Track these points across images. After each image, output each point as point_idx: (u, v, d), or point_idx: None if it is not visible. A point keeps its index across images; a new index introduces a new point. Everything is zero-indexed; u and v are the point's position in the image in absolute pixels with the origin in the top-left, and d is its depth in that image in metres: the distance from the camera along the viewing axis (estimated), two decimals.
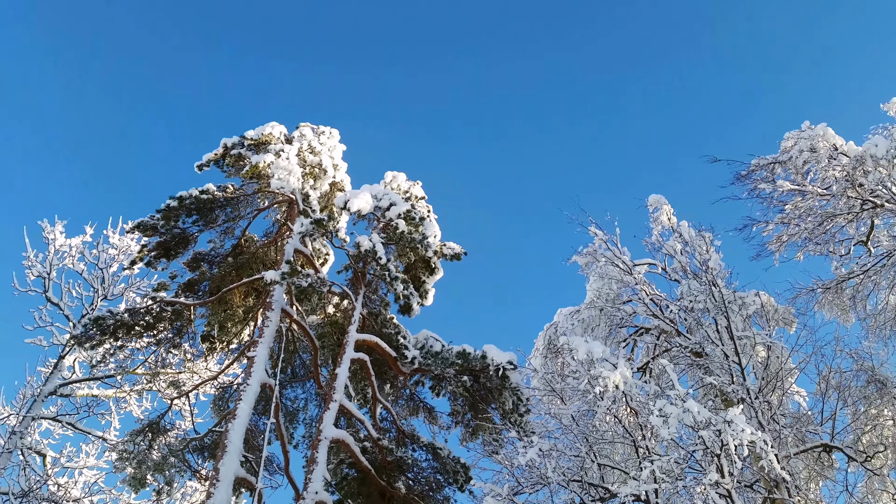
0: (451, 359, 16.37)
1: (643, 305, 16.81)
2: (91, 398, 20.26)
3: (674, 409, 12.34)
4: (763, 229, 16.18)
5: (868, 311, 16.07)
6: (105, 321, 15.67)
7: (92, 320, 15.79)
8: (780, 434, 14.58)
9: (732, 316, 15.31)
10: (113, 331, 15.69)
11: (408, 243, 16.49)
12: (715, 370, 15.20)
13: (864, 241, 16.02)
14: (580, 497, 13.48)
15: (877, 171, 15.11)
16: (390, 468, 15.76)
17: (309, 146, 17.57)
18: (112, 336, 15.78)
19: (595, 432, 15.08)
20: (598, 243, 17.15)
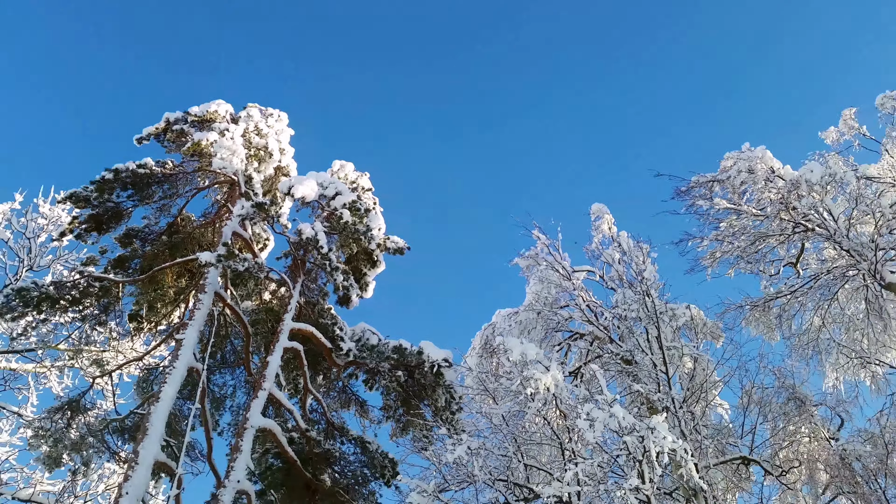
0: (387, 353, 16.28)
1: (579, 311, 17.07)
2: (8, 371, 19.39)
3: (600, 414, 12.57)
4: (698, 245, 16.64)
5: (793, 331, 16.72)
6: (29, 293, 14.99)
7: (15, 291, 15.08)
8: (702, 444, 15.01)
9: (663, 326, 15.68)
10: (37, 303, 15.02)
11: (351, 234, 16.30)
12: (643, 378, 15.54)
13: (794, 263, 16.63)
14: (505, 496, 13.61)
15: (810, 196, 15.71)
16: (317, 460, 15.57)
17: (255, 127, 17.19)
18: (35, 309, 15.10)
19: (524, 433, 15.24)
20: (541, 247, 17.36)
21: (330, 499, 15.68)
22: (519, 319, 17.28)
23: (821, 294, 15.96)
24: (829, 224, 15.32)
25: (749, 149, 16.19)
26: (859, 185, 15.98)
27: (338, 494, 15.65)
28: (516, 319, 17.31)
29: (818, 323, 16.20)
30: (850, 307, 16.41)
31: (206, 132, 16.70)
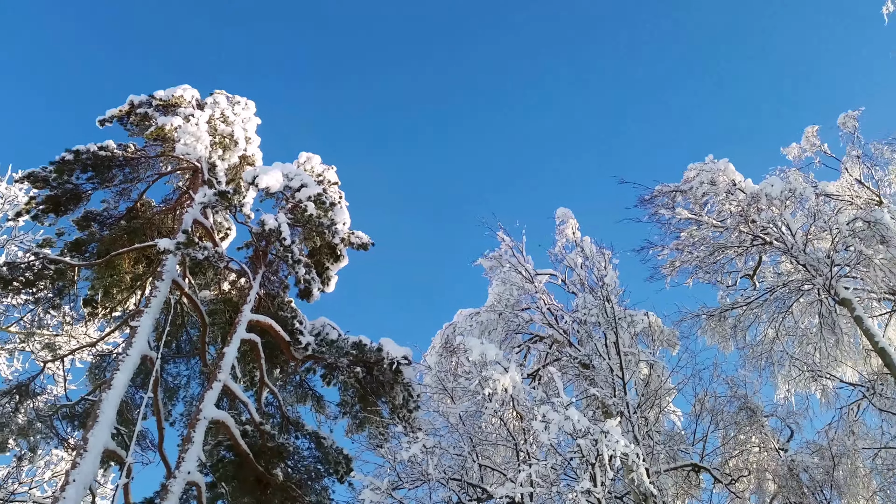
0: (347, 349, 16.19)
1: (540, 314, 17.16)
2: None
3: (556, 416, 12.66)
4: (659, 253, 16.85)
5: (747, 342, 17.01)
6: None
7: None
8: (654, 450, 15.20)
9: (621, 332, 15.83)
10: None
11: (315, 227, 16.18)
12: (600, 382, 15.68)
13: (751, 275, 16.92)
14: (458, 496, 13.61)
15: (770, 210, 16.01)
16: (270, 454, 15.43)
17: (222, 114, 16.95)
18: None
19: (480, 433, 15.28)
20: (505, 249, 17.41)
21: (282, 493, 15.56)
22: (480, 320, 17.30)
23: (776, 307, 16.26)
24: (786, 238, 15.63)
25: (712, 160, 16.43)
26: (818, 201, 16.35)
27: (290, 489, 15.53)
28: (477, 320, 17.33)
29: (772, 335, 16.50)
30: (804, 321, 16.75)
31: (171, 117, 16.43)
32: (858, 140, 18.87)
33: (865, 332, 14.85)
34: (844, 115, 18.92)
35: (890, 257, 15.53)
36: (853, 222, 15.85)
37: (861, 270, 15.64)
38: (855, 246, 15.44)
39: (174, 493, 12.81)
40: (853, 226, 15.74)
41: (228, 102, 17.25)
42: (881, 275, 15.56)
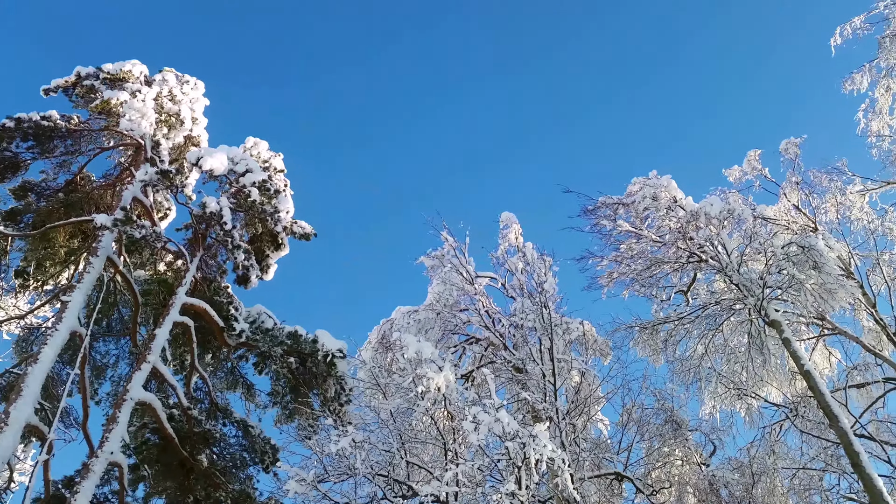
0: (281, 338, 16.05)
1: (478, 316, 17.28)
2: None
3: (486, 417, 12.74)
4: (598, 263, 17.12)
5: (677, 356, 17.36)
6: None
7: None
8: (579, 457, 15.41)
9: (556, 339, 16.02)
10: None
11: (258, 214, 16.02)
12: (531, 387, 15.84)
13: (685, 292, 17.28)
14: (384, 492, 13.60)
15: (708, 229, 16.38)
16: (196, 439, 15.22)
17: (170, 93, 16.67)
18: None
19: (410, 430, 15.31)
20: (448, 249, 17.49)
21: (205, 479, 15.35)
22: (418, 318, 17.34)
23: (707, 324, 16.63)
24: (722, 257, 16.00)
25: (656, 176, 16.76)
26: (755, 223, 16.78)
27: (213, 476, 15.34)
28: (416, 318, 17.36)
29: (701, 351, 16.87)
30: (734, 340, 17.16)
31: (118, 91, 16.10)
32: (799, 167, 19.50)
33: (792, 355, 15.26)
34: (787, 142, 19.51)
35: (821, 283, 15.98)
36: (788, 246, 16.30)
37: (792, 294, 16.06)
38: (788, 270, 15.86)
39: (95, 472, 12.55)
40: (788, 250, 16.18)
41: (177, 81, 16.97)
42: (811, 300, 16.01)
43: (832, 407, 14.05)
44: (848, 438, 13.61)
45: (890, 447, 16.57)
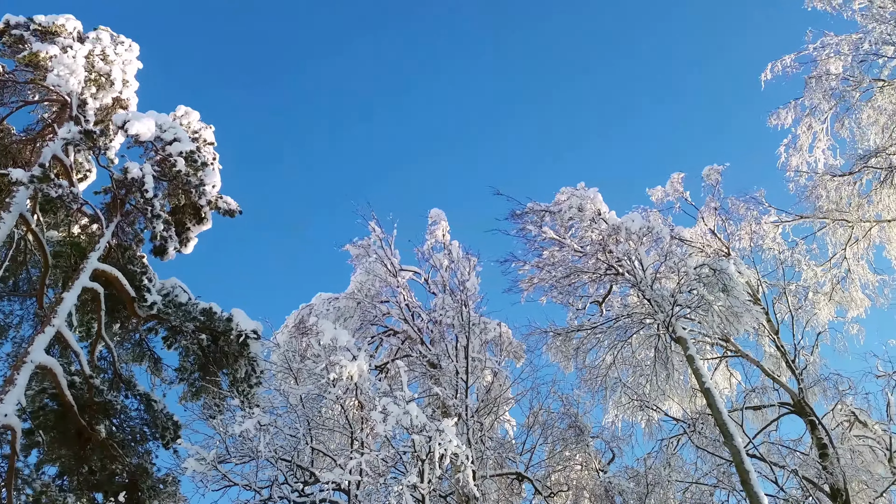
0: (195, 314, 15.71)
1: (398, 309, 17.36)
2: None
3: (396, 409, 12.81)
4: (520, 267, 17.42)
5: (586, 364, 17.84)
6: None
7: None
8: (484, 454, 15.67)
9: (473, 337, 16.27)
10: None
11: (182, 185, 15.65)
12: (444, 383, 16.02)
13: (600, 302, 17.77)
14: (285, 476, 13.51)
15: (627, 244, 16.89)
16: (95, 409, 14.78)
17: (102, 52, 16.11)
18: None
19: (318, 417, 15.27)
20: (374, 239, 17.52)
21: (102, 450, 14.94)
22: (338, 305, 17.31)
23: (617, 335, 17.15)
24: (637, 272, 16.52)
25: (583, 188, 17.18)
26: (672, 243, 17.38)
27: (111, 447, 14.93)
28: (335, 305, 17.33)
29: (610, 361, 17.40)
30: (641, 353, 17.75)
31: (48, 45, 15.45)
32: (719, 193, 20.34)
33: (695, 372, 15.85)
34: (709, 168, 20.32)
35: (729, 306, 16.68)
36: (701, 268, 16.94)
37: (700, 314, 16.71)
38: (699, 290, 16.50)
39: None
40: (700, 271, 16.82)
41: (112, 41, 16.41)
42: (718, 321, 16.68)
43: (728, 426, 14.67)
44: (740, 457, 14.22)
45: (778, 468, 17.38)
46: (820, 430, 17.21)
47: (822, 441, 17.12)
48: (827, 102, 19.87)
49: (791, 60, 20.37)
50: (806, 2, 20.34)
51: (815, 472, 16.98)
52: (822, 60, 19.87)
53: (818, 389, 18.27)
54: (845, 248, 20.04)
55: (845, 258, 20.10)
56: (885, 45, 19.01)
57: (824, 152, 20.27)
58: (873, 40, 19.15)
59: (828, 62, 19.82)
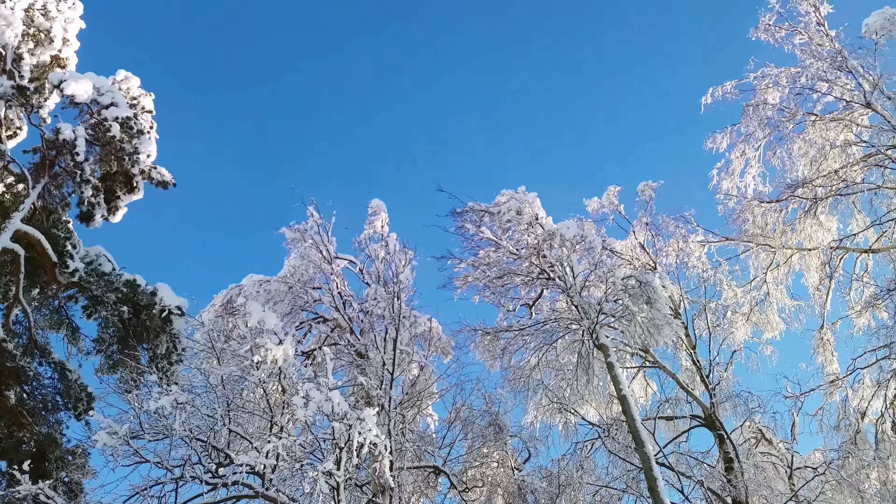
0: (118, 284, 15.36)
1: (330, 297, 17.30)
2: None
3: (318, 395, 12.77)
4: (456, 265, 17.58)
5: (511, 364, 18.15)
6: None
7: None
8: (403, 446, 15.79)
9: (403, 330, 16.34)
10: None
11: (115, 151, 15.27)
12: (370, 373, 16.05)
13: (530, 305, 18.10)
14: (199, 456, 13.31)
15: (560, 250, 17.24)
16: (6, 374, 14.34)
17: (44, 7, 15.49)
18: None
19: (238, 399, 15.11)
20: (311, 225, 17.40)
21: (10, 417, 14.48)
22: (269, 288, 17.12)
23: (543, 338, 17.49)
24: (568, 279, 16.89)
25: (524, 192, 17.46)
26: (603, 253, 17.84)
27: (20, 415, 14.50)
28: (266, 288, 17.13)
29: (534, 363, 17.74)
30: (565, 357, 18.15)
31: None
32: (651, 209, 20.94)
33: (614, 379, 16.29)
34: (644, 184, 20.92)
35: (651, 318, 17.20)
36: (628, 279, 17.43)
37: (623, 323, 17.17)
38: (624, 300, 16.97)
39: None
40: (627, 282, 17.30)
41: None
42: (640, 331, 17.18)
43: (641, 433, 15.14)
44: (650, 464, 14.69)
45: (685, 478, 18.02)
46: (728, 445, 17.92)
47: (729, 455, 17.83)
48: (762, 131, 20.66)
49: (732, 87, 21.11)
50: (751, 31, 21.16)
51: (720, 485, 17.69)
52: (761, 90, 20.66)
53: (729, 405, 19.00)
54: (766, 272, 20.90)
55: (765, 282, 20.96)
56: (820, 81, 19.89)
57: (755, 178, 21.08)
58: (810, 75, 20.03)
59: (766, 92, 20.61)
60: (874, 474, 16.86)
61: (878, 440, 17.21)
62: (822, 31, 19.96)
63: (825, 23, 20.01)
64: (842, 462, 17.30)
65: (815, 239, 20.38)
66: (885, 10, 18.76)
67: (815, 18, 20.14)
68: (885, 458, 16.76)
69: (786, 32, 20.65)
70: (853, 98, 19.21)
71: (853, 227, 20.28)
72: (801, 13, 20.34)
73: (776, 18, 20.59)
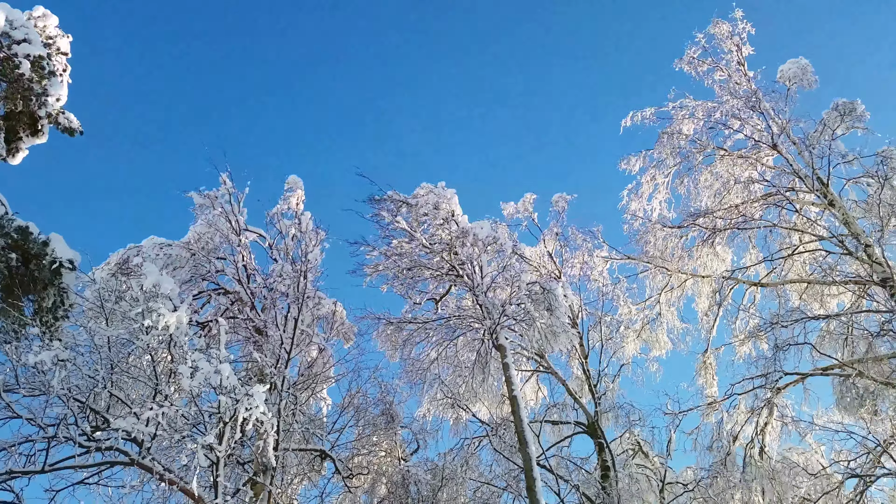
0: (8, 229, 14.44)
1: (234, 269, 16.88)
2: None
3: (207, 366, 12.49)
4: (368, 252, 17.53)
5: (412, 357, 18.27)
6: None
7: None
8: (292, 427, 15.64)
9: (305, 310, 16.17)
10: None
11: (23, 90, 14.33)
12: (266, 351, 15.80)
13: (437, 300, 18.28)
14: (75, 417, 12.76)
15: (473, 249, 17.50)
16: None
17: None
18: None
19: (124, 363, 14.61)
20: (223, 192, 16.93)
21: None
22: (170, 252, 16.56)
23: (445, 333, 17.72)
24: (476, 278, 17.15)
25: (443, 187, 17.60)
26: (512, 257, 18.21)
27: None
28: (168, 252, 16.56)
29: (434, 357, 17.93)
30: (464, 354, 18.41)
31: None
32: (563, 220, 21.59)
33: (508, 379, 16.64)
34: (559, 196, 21.54)
35: (550, 325, 17.66)
36: (532, 284, 17.84)
37: (523, 327, 17.57)
38: (526, 305, 17.36)
39: None
40: (531, 287, 17.71)
41: None
42: (538, 336, 17.61)
43: (526, 433, 15.53)
44: (531, 464, 15.09)
45: (563, 482, 18.64)
46: (606, 453, 18.66)
47: (607, 463, 18.57)
48: (673, 159, 21.61)
49: (651, 113, 22.00)
50: (675, 62, 22.11)
51: (595, 491, 18.40)
52: (678, 120, 21.62)
53: (612, 416, 19.78)
54: (661, 293, 21.86)
55: (659, 302, 21.93)
56: (733, 118, 20.98)
57: (661, 203, 22.03)
58: (725, 111, 21.10)
59: (682, 122, 21.57)
60: (738, 495, 17.84)
61: (745, 463, 18.21)
62: (742, 71, 21.07)
63: (745, 63, 21.13)
64: (710, 481, 18.24)
65: (709, 267, 21.44)
66: (800, 59, 20.02)
67: (737, 58, 21.23)
68: (750, 480, 17.74)
69: (707, 67, 21.68)
70: (762, 138, 20.35)
71: (746, 260, 21.48)
72: (724, 51, 21.41)
73: (700, 52, 21.61)
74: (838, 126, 19.02)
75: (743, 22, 21.17)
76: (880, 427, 17.09)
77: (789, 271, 20.61)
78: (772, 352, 17.54)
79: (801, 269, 20.57)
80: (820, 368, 17.67)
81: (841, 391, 17.43)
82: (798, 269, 20.58)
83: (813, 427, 18.17)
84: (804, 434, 18.55)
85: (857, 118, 19.13)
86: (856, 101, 19.19)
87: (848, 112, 19.09)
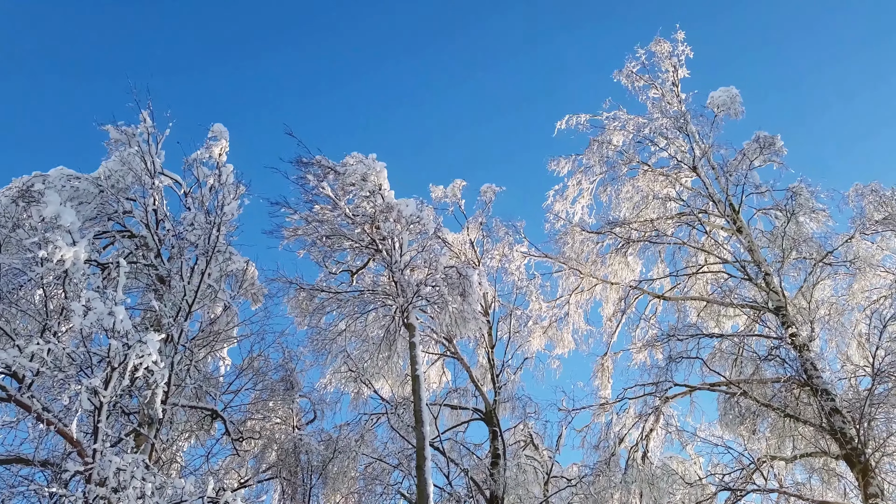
0: None
1: (144, 213, 16.08)
2: None
3: (101, 307, 11.86)
4: (289, 215, 17.09)
5: (320, 326, 17.93)
6: None
7: None
8: (184, 382, 15.09)
9: (214, 264, 15.58)
10: None
11: None
12: (167, 302, 15.15)
13: (353, 272, 18.03)
14: None
15: (396, 225, 17.34)
16: None
17: None
18: None
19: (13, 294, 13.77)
20: (142, 130, 16.05)
21: None
22: (78, 186, 15.63)
23: (358, 307, 17.46)
24: (395, 255, 16.99)
25: (373, 160, 17.32)
26: (434, 240, 18.16)
27: None
28: (75, 185, 15.62)
29: (342, 328, 17.66)
30: (373, 330, 18.21)
31: None
32: (488, 211, 21.80)
33: (413, 359, 16.55)
34: (487, 186, 21.70)
35: (461, 310, 17.72)
36: (450, 269, 17.87)
37: (435, 310, 17.56)
38: (441, 288, 17.35)
39: None
40: (448, 271, 17.72)
41: None
42: (448, 321, 17.64)
43: (423, 413, 15.52)
44: (423, 444, 15.10)
45: (454, 465, 18.82)
46: (499, 442, 18.95)
47: (499, 451, 18.86)
48: (600, 167, 22.16)
49: (585, 119, 22.51)
50: (614, 74, 22.64)
51: (483, 477, 18.65)
52: (609, 130, 22.17)
53: (510, 406, 20.13)
54: (571, 294, 22.37)
55: (568, 303, 22.43)
56: (660, 136, 21.66)
57: (583, 208, 22.55)
58: (654, 128, 21.76)
59: (613, 133, 22.14)
60: (617, 495, 18.45)
61: (628, 466, 18.84)
62: (675, 92, 21.77)
63: (679, 85, 21.84)
64: (594, 479, 18.77)
65: (619, 275, 22.09)
66: (730, 88, 20.85)
67: (672, 78, 21.92)
68: (630, 482, 18.37)
69: (644, 83, 22.30)
70: (684, 159, 21.10)
71: (654, 273, 22.24)
72: (661, 69, 22.07)
73: (639, 68, 22.19)
74: (756, 157, 19.96)
75: (683, 44, 21.89)
76: (756, 445, 18.07)
77: (691, 288, 21.46)
78: (665, 362, 18.21)
79: (703, 287, 21.45)
80: (708, 384, 18.44)
81: (725, 408, 18.24)
82: (700, 288, 21.45)
83: (695, 438, 19.03)
84: (686, 444, 19.38)
85: (774, 152, 20.12)
86: (776, 137, 20.18)
87: (767, 145, 20.05)
